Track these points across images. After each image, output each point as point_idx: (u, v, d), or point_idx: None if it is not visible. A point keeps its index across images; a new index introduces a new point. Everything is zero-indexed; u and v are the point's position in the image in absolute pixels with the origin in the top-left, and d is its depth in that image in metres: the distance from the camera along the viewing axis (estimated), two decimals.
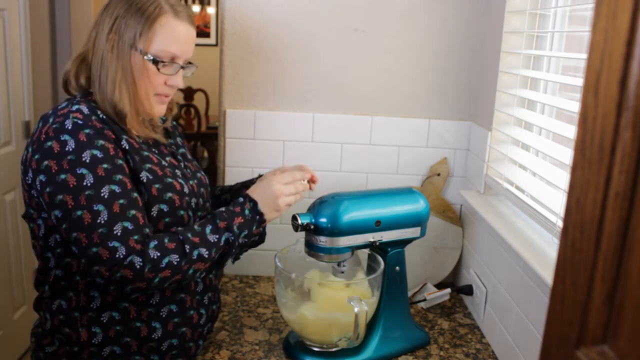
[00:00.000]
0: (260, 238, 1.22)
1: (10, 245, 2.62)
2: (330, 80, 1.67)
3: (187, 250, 1.08)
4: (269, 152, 1.70)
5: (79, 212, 1.02)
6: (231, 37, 1.64)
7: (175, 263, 1.06)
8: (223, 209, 1.17)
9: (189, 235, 1.10)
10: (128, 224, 1.04)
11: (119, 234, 1.03)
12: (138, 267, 1.02)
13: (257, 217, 1.17)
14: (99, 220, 1.02)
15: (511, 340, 1.29)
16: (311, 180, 1.28)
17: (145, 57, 1.12)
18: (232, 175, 1.70)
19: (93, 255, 1.02)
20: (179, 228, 1.13)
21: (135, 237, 1.04)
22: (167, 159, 1.23)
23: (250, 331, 1.44)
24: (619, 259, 0.45)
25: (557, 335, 0.53)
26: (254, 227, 1.17)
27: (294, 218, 1.22)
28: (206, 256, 1.10)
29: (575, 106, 1.10)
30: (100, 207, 1.03)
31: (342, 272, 1.28)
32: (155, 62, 1.13)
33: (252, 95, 1.68)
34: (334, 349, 1.30)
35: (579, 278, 0.50)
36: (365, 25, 1.64)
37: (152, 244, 1.05)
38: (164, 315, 1.17)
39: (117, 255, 1.02)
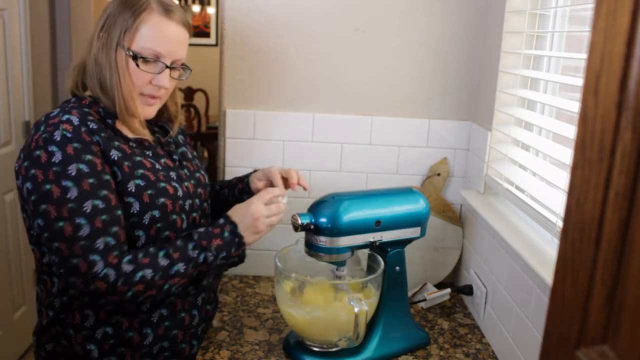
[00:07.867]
0: (240, 259, 1.19)
1: (10, 245, 2.61)
2: (330, 80, 1.67)
3: (164, 265, 1.08)
4: (269, 152, 1.70)
5: (60, 224, 1.02)
6: (231, 37, 1.64)
7: (149, 277, 1.06)
8: (202, 229, 1.15)
9: (170, 250, 1.10)
10: (110, 239, 1.04)
11: (100, 248, 1.03)
12: (111, 280, 1.03)
13: (237, 239, 1.15)
14: (80, 234, 1.02)
15: (511, 340, 1.29)
16: (299, 184, 1.30)
17: (126, 53, 1.10)
18: (232, 175, 1.69)
19: (72, 266, 1.02)
20: (160, 243, 1.13)
21: (115, 252, 1.05)
22: (163, 160, 1.21)
23: (250, 331, 1.44)
24: (619, 259, 0.45)
25: (557, 335, 0.53)
26: (233, 250, 1.15)
27: (294, 218, 1.22)
28: (182, 271, 1.10)
29: (575, 106, 1.10)
30: (82, 221, 1.03)
31: (340, 277, 1.28)
32: (134, 57, 1.10)
33: (252, 95, 1.68)
34: (334, 349, 1.30)
35: (579, 278, 0.50)
36: (366, 25, 1.64)
37: (126, 258, 1.06)
38: (154, 321, 1.18)
39: (94, 269, 1.02)
